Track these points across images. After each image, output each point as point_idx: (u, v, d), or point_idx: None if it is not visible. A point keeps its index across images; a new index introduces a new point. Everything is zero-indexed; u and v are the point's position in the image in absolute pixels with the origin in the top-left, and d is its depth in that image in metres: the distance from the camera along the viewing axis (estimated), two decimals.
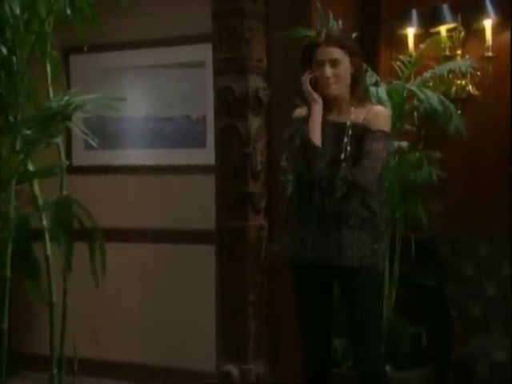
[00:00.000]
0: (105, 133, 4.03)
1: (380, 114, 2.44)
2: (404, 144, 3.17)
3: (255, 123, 2.81)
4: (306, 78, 2.45)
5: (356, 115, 2.43)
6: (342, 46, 2.41)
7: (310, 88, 2.44)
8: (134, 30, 3.95)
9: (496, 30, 3.72)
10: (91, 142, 2.16)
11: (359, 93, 2.47)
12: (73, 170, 3.40)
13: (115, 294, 4.01)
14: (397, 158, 3.23)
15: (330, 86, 2.41)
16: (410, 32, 3.86)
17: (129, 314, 4.06)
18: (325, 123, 2.43)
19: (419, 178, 3.23)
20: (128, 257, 4.03)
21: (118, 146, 4.11)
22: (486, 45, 3.70)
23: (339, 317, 2.58)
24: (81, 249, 2.47)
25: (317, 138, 2.39)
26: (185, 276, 3.92)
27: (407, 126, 3.33)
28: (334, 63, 2.41)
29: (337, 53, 2.41)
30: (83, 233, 2.35)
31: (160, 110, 4.04)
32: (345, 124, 2.42)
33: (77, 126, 1.75)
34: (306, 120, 2.46)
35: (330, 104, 2.46)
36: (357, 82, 2.46)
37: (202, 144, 3.92)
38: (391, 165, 3.16)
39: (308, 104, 2.47)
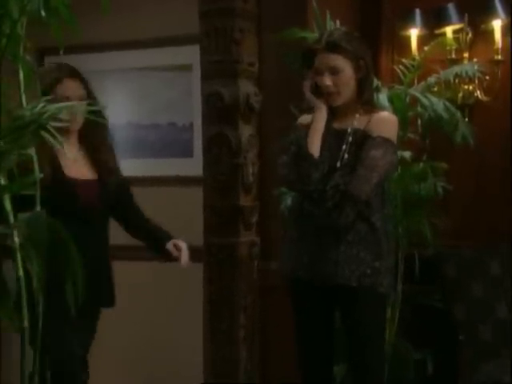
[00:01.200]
0: None
1: (384, 120, 2.42)
2: (407, 154, 3.16)
3: (246, 131, 2.83)
4: (306, 84, 2.44)
5: (360, 122, 2.43)
6: (343, 52, 2.38)
7: (310, 94, 2.42)
8: (114, 30, 3.94)
9: (506, 31, 3.73)
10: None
11: (367, 99, 2.46)
12: None
13: None
14: (399, 169, 3.23)
15: (331, 95, 2.40)
16: (414, 33, 3.87)
17: (111, 338, 4.03)
18: (328, 131, 2.43)
19: (423, 191, 3.22)
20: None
21: None
22: (495, 47, 3.71)
23: (338, 341, 2.57)
24: None
25: (315, 147, 2.37)
26: (171, 296, 3.90)
27: (410, 135, 3.32)
28: (334, 71, 2.38)
29: (336, 60, 2.37)
30: None
31: (143, 116, 4.03)
32: (346, 130, 2.41)
33: (51, 136, 1.73)
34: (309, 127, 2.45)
35: (334, 110, 2.46)
36: (363, 87, 2.45)
37: (188, 154, 3.92)
38: (393, 176, 3.16)
39: (311, 111, 2.46)
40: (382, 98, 3.06)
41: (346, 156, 2.38)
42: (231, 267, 2.86)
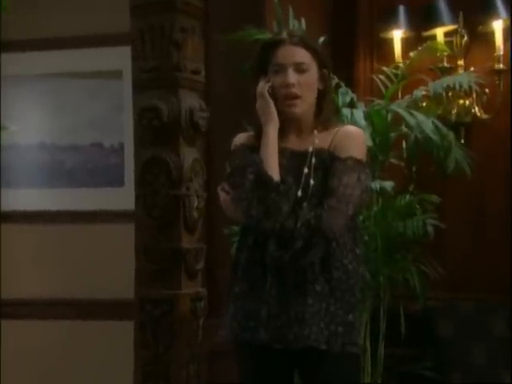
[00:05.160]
0: None
1: (350, 136, 2.44)
2: (389, 185, 3.19)
3: (189, 155, 2.82)
4: (263, 86, 2.45)
5: (321, 139, 2.44)
6: (310, 49, 2.42)
7: (269, 98, 2.42)
8: (24, 24, 3.91)
9: (508, 34, 3.82)
10: None
11: (326, 117, 2.49)
12: None
13: None
14: (380, 203, 3.26)
15: (294, 101, 2.42)
16: (397, 36, 3.93)
17: None
18: (280, 152, 2.44)
19: (410, 230, 3.25)
20: (16, 340, 3.95)
21: (2, 184, 4.05)
22: (496, 54, 3.80)
23: None
24: None
25: (274, 171, 2.39)
26: (92, 364, 3.86)
27: (393, 161, 3.37)
28: (300, 68, 2.40)
29: (304, 55, 2.41)
30: None
31: (60, 135, 4.00)
32: (306, 152, 2.43)
33: None
34: (254, 148, 2.46)
35: (286, 127, 2.47)
36: (324, 100, 2.49)
37: (117, 182, 3.90)
38: (372, 212, 3.19)
39: (258, 125, 2.48)
40: (358, 114, 3.09)
41: (312, 182, 2.39)
42: (170, 327, 2.83)
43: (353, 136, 2.47)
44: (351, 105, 3.23)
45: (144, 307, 2.84)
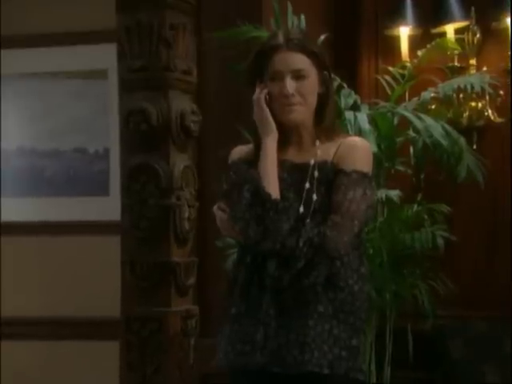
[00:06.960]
0: None
1: (355, 148, 2.43)
2: (395, 193, 3.19)
3: (180, 162, 2.83)
4: (260, 95, 2.46)
5: (324, 151, 2.45)
6: (309, 54, 2.42)
7: (266, 109, 2.44)
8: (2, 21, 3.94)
9: None
10: None
11: (328, 123, 2.50)
12: None
13: None
14: (386, 213, 3.26)
15: (293, 107, 2.44)
16: (404, 33, 3.93)
17: None
18: (280, 165, 2.45)
19: (418, 243, 3.25)
20: None
21: None
22: (510, 52, 3.82)
23: None
24: None
25: (273, 187, 2.39)
26: None
27: (400, 168, 3.37)
28: (299, 75, 2.41)
29: (302, 61, 2.41)
30: None
31: (41, 139, 4.00)
32: (307, 164, 2.44)
33: None
34: (252, 162, 2.47)
35: (286, 137, 2.48)
36: (326, 106, 2.50)
37: (102, 191, 3.90)
38: (377, 223, 3.19)
39: (256, 135, 2.49)
40: (362, 118, 3.09)
41: (315, 198, 2.40)
42: (159, 347, 2.84)
43: (358, 148, 2.46)
44: (354, 107, 3.23)
45: (131, 326, 2.85)
